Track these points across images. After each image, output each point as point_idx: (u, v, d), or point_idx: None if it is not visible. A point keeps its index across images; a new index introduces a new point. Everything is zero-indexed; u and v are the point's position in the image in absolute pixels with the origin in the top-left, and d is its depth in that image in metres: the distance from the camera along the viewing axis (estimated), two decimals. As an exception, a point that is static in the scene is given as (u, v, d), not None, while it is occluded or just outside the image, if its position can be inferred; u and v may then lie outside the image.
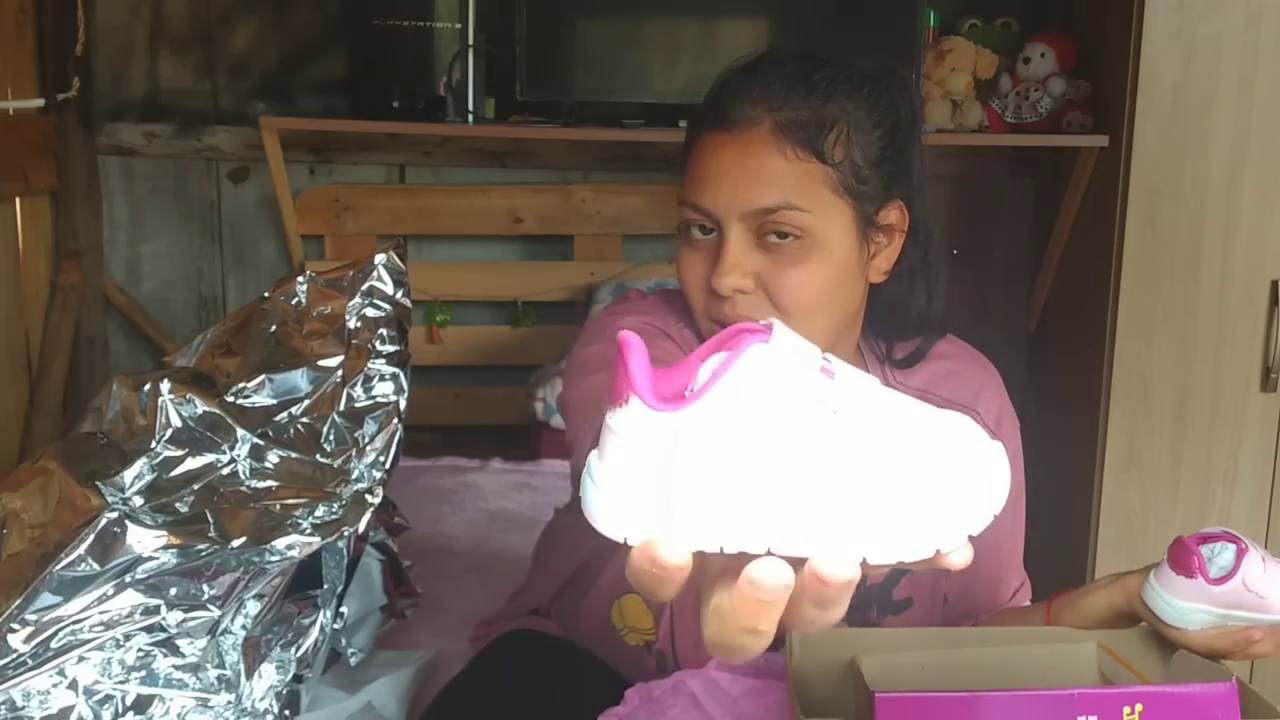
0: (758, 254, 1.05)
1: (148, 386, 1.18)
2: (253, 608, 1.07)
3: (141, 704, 1.05)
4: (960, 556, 0.52)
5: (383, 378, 1.19)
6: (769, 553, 0.49)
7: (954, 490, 0.51)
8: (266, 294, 1.34)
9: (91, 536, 1.00)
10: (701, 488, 0.49)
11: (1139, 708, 0.87)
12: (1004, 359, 1.30)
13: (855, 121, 1.07)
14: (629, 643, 1.24)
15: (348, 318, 1.22)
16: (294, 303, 1.30)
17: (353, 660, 1.36)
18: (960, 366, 1.22)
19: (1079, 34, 2.53)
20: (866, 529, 0.50)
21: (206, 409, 1.17)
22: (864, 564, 0.50)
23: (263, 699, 1.10)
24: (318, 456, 1.15)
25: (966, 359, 1.23)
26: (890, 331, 1.20)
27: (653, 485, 0.49)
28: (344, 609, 1.30)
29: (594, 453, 0.52)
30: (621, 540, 0.50)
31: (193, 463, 1.13)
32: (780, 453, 0.49)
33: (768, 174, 1.04)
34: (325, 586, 1.14)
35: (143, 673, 1.05)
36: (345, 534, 1.05)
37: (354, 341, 1.21)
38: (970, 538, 0.52)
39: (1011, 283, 2.81)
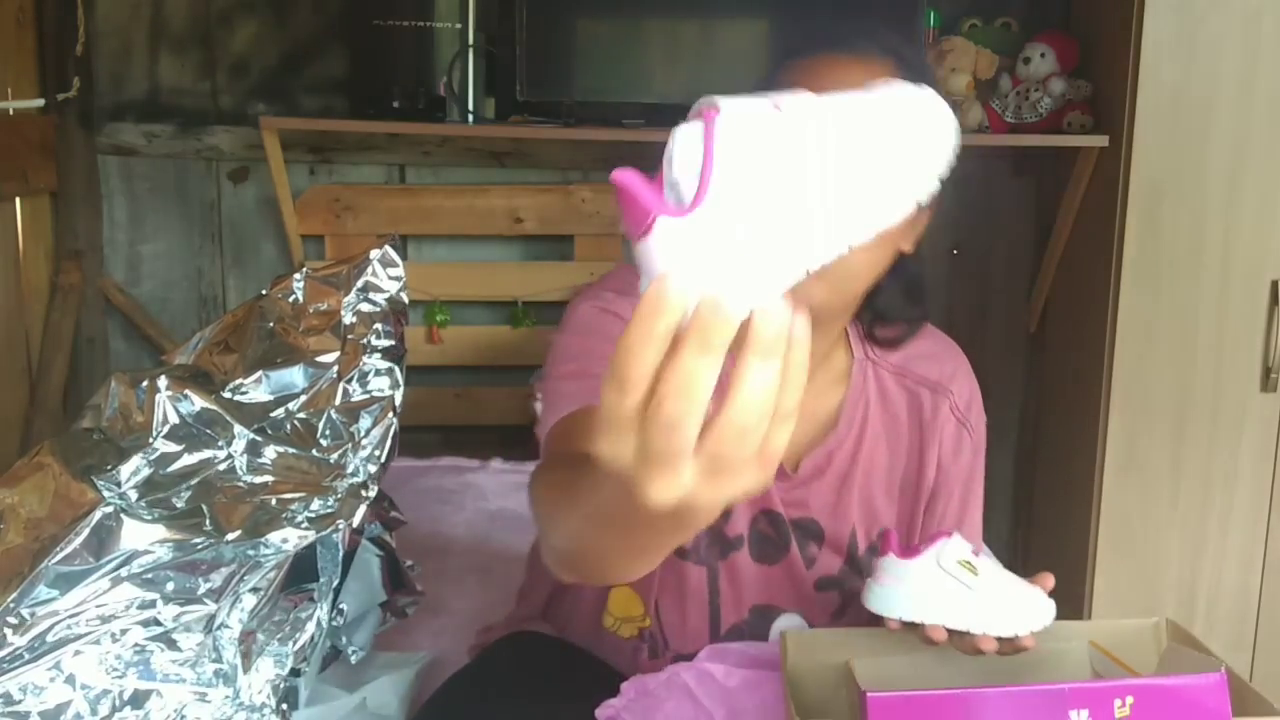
0: None
1: (145, 383, 1.18)
2: (249, 602, 1.07)
3: (139, 698, 1.05)
4: None
5: (378, 372, 1.19)
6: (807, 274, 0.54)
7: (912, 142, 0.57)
8: (264, 291, 1.35)
9: (87, 530, 1.00)
10: (752, 243, 0.53)
11: (1130, 700, 0.87)
12: (1004, 359, 1.31)
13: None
14: (622, 635, 1.25)
15: (343, 313, 1.22)
16: (291, 300, 1.30)
17: (353, 658, 1.36)
18: (936, 349, 1.29)
19: (1079, 34, 2.52)
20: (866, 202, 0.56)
21: (204, 405, 1.17)
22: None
23: (260, 693, 1.10)
24: (314, 451, 1.16)
25: (942, 343, 1.31)
26: (875, 315, 1.24)
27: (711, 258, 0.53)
28: (343, 605, 1.30)
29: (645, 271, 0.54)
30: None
31: (189, 458, 1.14)
32: (786, 181, 0.54)
33: None
34: (321, 580, 1.14)
35: (140, 667, 1.05)
36: (339, 527, 1.05)
37: (349, 337, 1.21)
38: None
39: (1011, 283, 2.80)
